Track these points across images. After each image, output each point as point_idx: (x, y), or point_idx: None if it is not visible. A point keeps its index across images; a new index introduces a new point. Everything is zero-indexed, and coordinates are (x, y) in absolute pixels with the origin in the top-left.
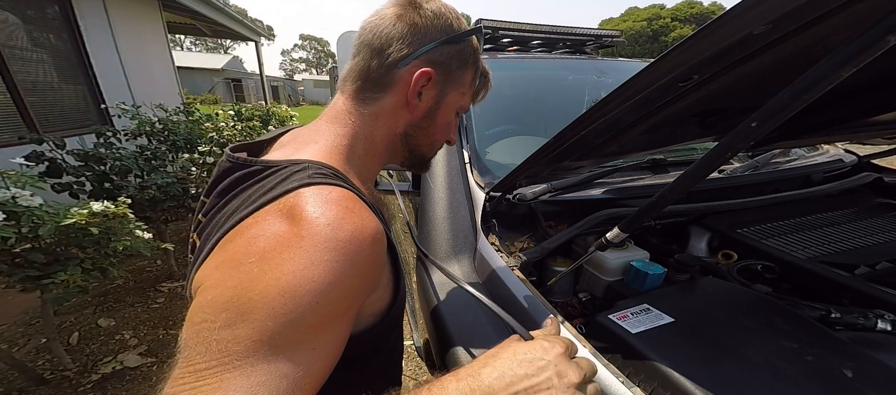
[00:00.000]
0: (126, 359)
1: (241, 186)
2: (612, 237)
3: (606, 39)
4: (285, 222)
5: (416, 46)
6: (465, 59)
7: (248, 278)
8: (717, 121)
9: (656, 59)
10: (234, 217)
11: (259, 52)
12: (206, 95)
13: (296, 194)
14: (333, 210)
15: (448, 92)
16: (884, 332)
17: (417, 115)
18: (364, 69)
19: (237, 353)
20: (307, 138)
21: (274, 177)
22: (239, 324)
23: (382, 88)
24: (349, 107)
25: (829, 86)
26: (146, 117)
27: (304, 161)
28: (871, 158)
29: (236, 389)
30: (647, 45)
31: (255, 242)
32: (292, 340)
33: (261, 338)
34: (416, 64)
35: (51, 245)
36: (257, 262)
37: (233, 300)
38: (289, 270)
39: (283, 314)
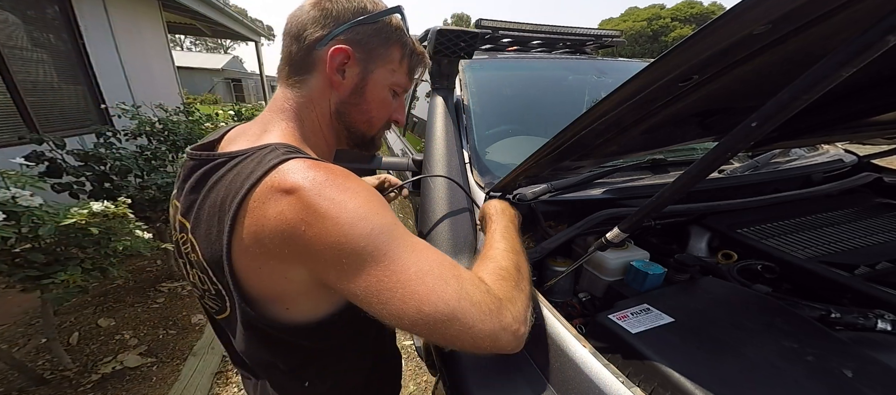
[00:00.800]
0: (126, 359)
1: (214, 177)
2: (612, 237)
3: (606, 39)
4: (286, 196)
5: (330, 28)
6: (387, 37)
7: (326, 232)
8: (717, 121)
9: (656, 59)
10: (232, 202)
11: (259, 52)
12: (206, 95)
13: (278, 171)
14: (319, 168)
15: (373, 69)
16: (884, 332)
17: (344, 91)
18: (288, 55)
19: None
20: (259, 129)
21: (248, 162)
22: (357, 260)
23: (306, 70)
24: (286, 94)
25: (829, 86)
26: (146, 117)
27: (270, 144)
28: (871, 158)
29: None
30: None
31: (282, 218)
32: (392, 233)
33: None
34: (332, 44)
35: (51, 245)
36: (314, 222)
37: (342, 255)
38: (336, 211)
39: (369, 230)
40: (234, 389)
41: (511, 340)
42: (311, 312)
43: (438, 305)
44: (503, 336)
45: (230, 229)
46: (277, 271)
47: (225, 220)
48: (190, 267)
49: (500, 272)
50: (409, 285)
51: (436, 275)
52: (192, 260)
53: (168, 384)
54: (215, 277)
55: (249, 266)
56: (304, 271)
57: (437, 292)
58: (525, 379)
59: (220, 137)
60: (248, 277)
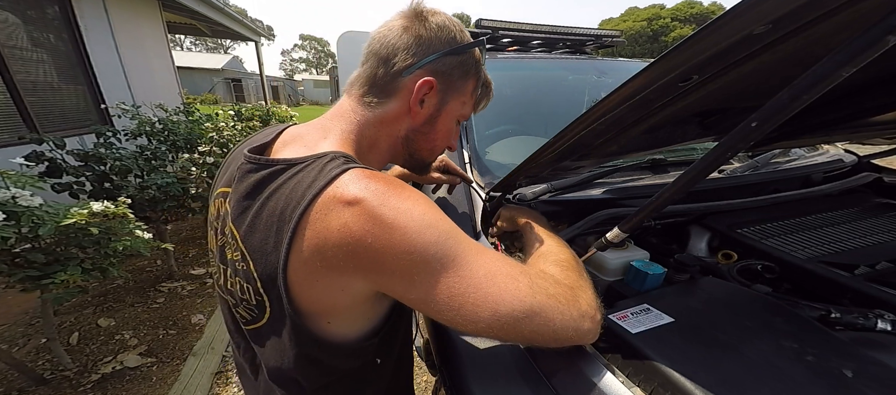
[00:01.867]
0: (126, 359)
1: (271, 185)
2: (612, 237)
3: (606, 39)
4: (349, 208)
5: (420, 57)
6: (467, 69)
7: (393, 242)
8: (717, 121)
9: (656, 60)
10: (292, 214)
11: (259, 52)
12: (206, 95)
13: (339, 182)
14: (379, 179)
15: (449, 100)
16: (884, 332)
17: (418, 121)
18: (371, 76)
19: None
20: (317, 135)
21: (308, 171)
22: (425, 269)
23: (387, 95)
24: (354, 108)
25: (829, 86)
26: (146, 117)
27: (328, 152)
28: (871, 158)
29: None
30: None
31: (346, 231)
32: (457, 243)
33: (448, 256)
34: (419, 73)
35: (51, 245)
36: (381, 233)
37: (415, 263)
38: (403, 220)
39: (436, 236)
40: (234, 389)
41: (591, 327)
42: (350, 328)
43: (514, 303)
44: (584, 324)
45: (289, 243)
46: (335, 284)
47: (284, 232)
48: (233, 275)
49: (561, 264)
50: (481, 287)
51: (505, 274)
52: (238, 269)
53: (168, 384)
54: (264, 289)
55: (305, 279)
56: (364, 283)
57: (511, 291)
58: (525, 379)
59: (275, 137)
60: (301, 290)
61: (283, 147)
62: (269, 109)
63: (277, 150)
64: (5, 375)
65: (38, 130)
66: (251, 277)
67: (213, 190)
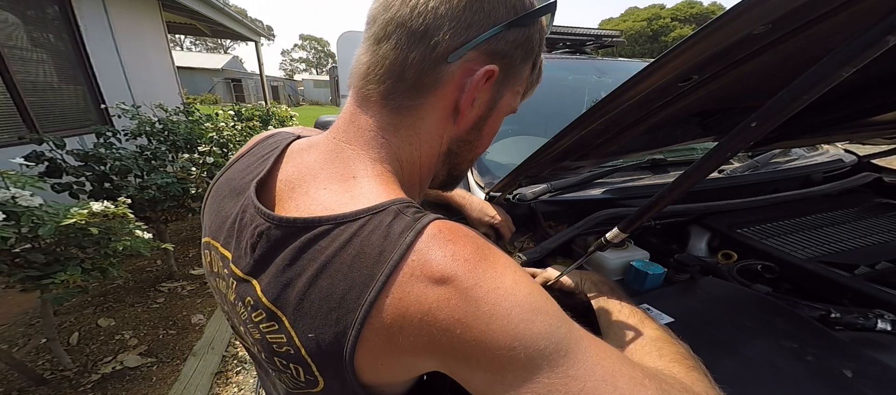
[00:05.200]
0: (126, 359)
1: (321, 258)
2: (611, 237)
3: (606, 39)
4: (435, 289)
5: (475, 31)
6: (532, 47)
7: (491, 335)
8: (717, 121)
9: (656, 60)
10: (360, 300)
11: (259, 53)
12: (205, 95)
13: (417, 253)
14: (464, 241)
15: (504, 93)
16: (884, 332)
17: (465, 126)
18: (399, 64)
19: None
20: (342, 170)
21: (367, 237)
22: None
23: (420, 92)
24: (379, 122)
25: (829, 86)
26: (146, 117)
27: (383, 204)
28: (871, 158)
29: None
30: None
31: (431, 318)
32: (565, 334)
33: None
34: (472, 57)
35: (51, 245)
36: (475, 323)
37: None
38: (505, 307)
39: (544, 327)
40: (234, 389)
41: None
42: (397, 391)
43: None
44: None
45: (357, 333)
46: (402, 365)
47: (349, 321)
48: (271, 354)
49: (682, 362)
50: (597, 392)
51: (628, 376)
52: (281, 351)
53: (168, 384)
54: (320, 371)
55: (370, 362)
56: (435, 364)
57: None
58: None
59: (275, 164)
60: (364, 369)
61: (297, 186)
62: (269, 109)
63: (288, 188)
64: (5, 375)
65: (37, 130)
66: (303, 361)
67: (204, 229)
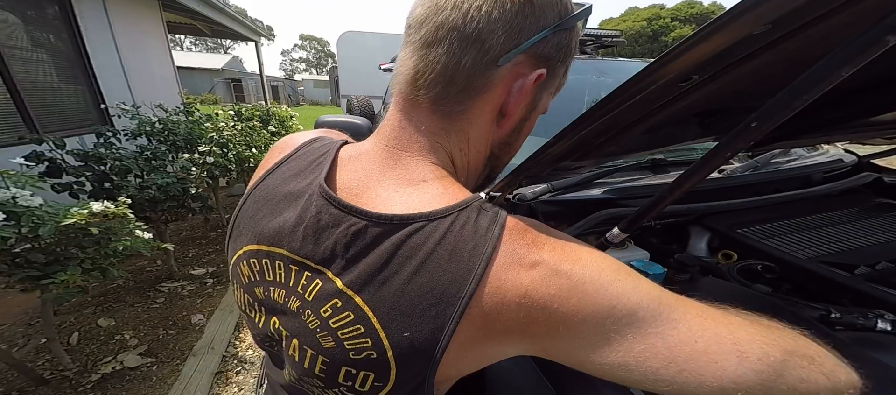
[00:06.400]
0: (126, 359)
1: (419, 254)
2: (611, 237)
3: (606, 39)
4: (529, 272)
5: (526, 34)
6: (570, 50)
7: (589, 301)
8: (717, 121)
9: (656, 59)
10: (459, 293)
11: (259, 52)
12: (206, 95)
13: (508, 242)
14: (542, 229)
15: (543, 95)
16: (884, 332)
17: (508, 129)
18: (451, 68)
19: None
20: (407, 177)
21: (459, 232)
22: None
23: (470, 95)
24: (431, 127)
25: (829, 86)
26: (146, 117)
27: (466, 200)
28: (871, 158)
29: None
30: (647, 45)
31: (528, 299)
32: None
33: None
34: (521, 60)
35: (51, 245)
36: (571, 295)
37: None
38: (593, 273)
39: (639, 299)
40: (234, 389)
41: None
42: (444, 390)
43: (769, 344)
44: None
45: (455, 325)
46: (486, 354)
47: (448, 314)
48: (343, 365)
49: (751, 319)
50: (718, 334)
51: (738, 323)
52: (357, 358)
53: (168, 384)
54: (399, 369)
55: (455, 355)
56: (524, 347)
57: (759, 333)
58: (528, 384)
59: (332, 165)
60: (445, 365)
61: (362, 192)
62: (269, 109)
63: (353, 194)
64: (5, 375)
65: (38, 130)
66: (384, 365)
67: (238, 241)
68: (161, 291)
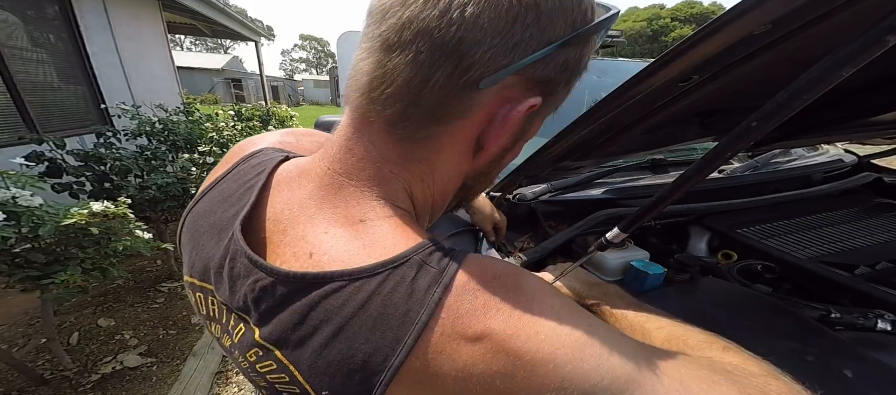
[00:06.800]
0: (126, 359)
1: (337, 318)
2: (611, 237)
3: (606, 39)
4: (470, 346)
5: (523, 51)
6: (578, 70)
7: (538, 383)
8: (717, 121)
9: (656, 59)
10: (386, 364)
11: (259, 52)
12: (206, 95)
13: (449, 309)
14: (497, 281)
15: (536, 121)
16: (884, 332)
17: (484, 162)
18: (416, 84)
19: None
20: (343, 214)
21: (388, 295)
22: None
23: (441, 120)
24: (384, 153)
25: (829, 86)
26: (146, 117)
27: (404, 255)
28: (871, 158)
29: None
30: (647, 45)
31: (467, 376)
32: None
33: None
34: (510, 82)
35: (51, 245)
36: (517, 374)
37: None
38: (549, 349)
39: (599, 365)
40: (234, 389)
41: None
42: None
43: None
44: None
45: (383, 390)
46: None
47: (373, 380)
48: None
49: (731, 350)
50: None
51: (700, 378)
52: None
53: (168, 384)
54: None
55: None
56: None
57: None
58: None
59: (259, 196)
60: None
61: (289, 228)
62: (269, 109)
63: (279, 230)
64: (5, 375)
65: (38, 130)
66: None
67: (183, 265)
68: (161, 291)
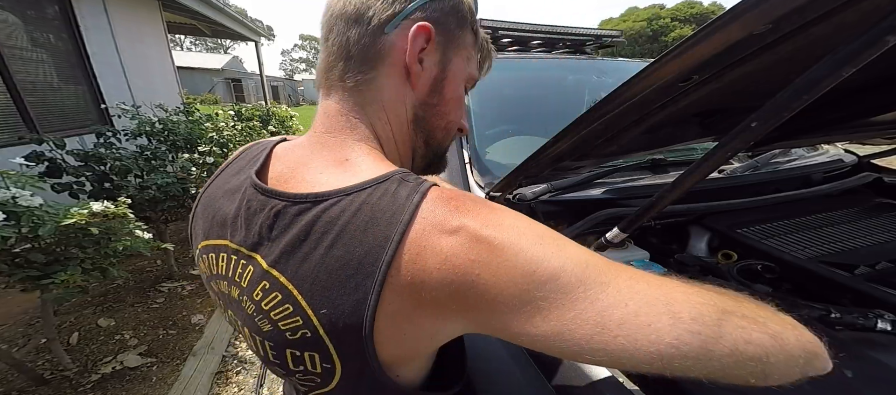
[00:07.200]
0: (126, 359)
1: (335, 227)
2: (611, 237)
3: (606, 39)
4: (449, 238)
5: (403, 4)
6: (462, 16)
7: (511, 267)
8: (717, 121)
9: (656, 59)
10: (376, 261)
11: (259, 52)
12: (206, 95)
13: (426, 209)
14: (465, 197)
15: (451, 56)
16: (884, 332)
17: (423, 88)
18: (343, 45)
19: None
20: (332, 157)
21: (376, 203)
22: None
23: (371, 64)
24: (344, 103)
25: (829, 86)
26: (146, 117)
27: (387, 174)
28: (871, 158)
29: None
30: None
31: (449, 266)
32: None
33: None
34: (406, 25)
35: (51, 245)
36: (492, 260)
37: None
38: (514, 238)
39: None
40: (234, 389)
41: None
42: (416, 375)
43: (705, 305)
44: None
45: (377, 295)
46: (425, 331)
47: (368, 285)
48: (281, 345)
49: (705, 289)
50: (651, 296)
51: (672, 286)
52: (294, 339)
53: (168, 384)
54: (338, 352)
55: (391, 331)
56: (462, 324)
57: (694, 294)
58: (527, 380)
59: (265, 163)
60: (384, 343)
61: (290, 178)
62: (269, 109)
63: (282, 181)
64: (5, 375)
65: (38, 130)
66: (320, 343)
67: (194, 241)
68: (161, 291)
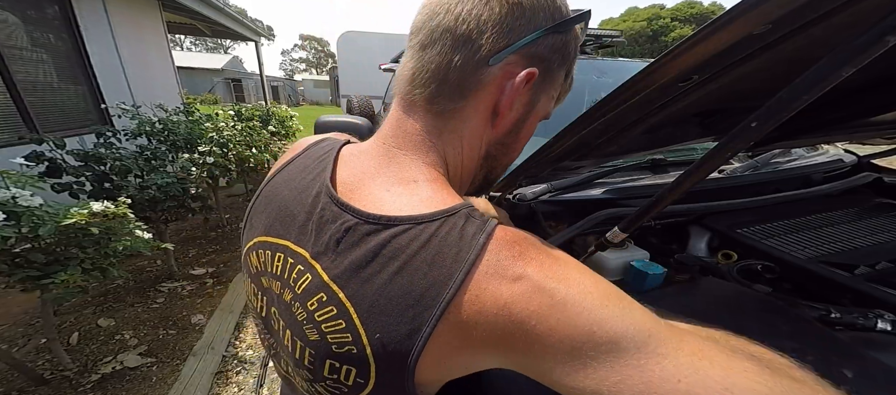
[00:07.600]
0: (126, 359)
1: (402, 256)
2: (611, 237)
3: (606, 39)
4: (511, 285)
5: (515, 35)
6: (567, 54)
7: (569, 322)
8: (717, 121)
9: (656, 59)
10: (438, 297)
11: (259, 52)
12: (206, 95)
13: (491, 252)
14: (529, 243)
15: (541, 97)
16: (884, 332)
17: (504, 129)
18: (443, 67)
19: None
20: (398, 173)
21: (444, 238)
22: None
23: (463, 94)
24: (425, 125)
25: (829, 86)
26: (146, 117)
27: (453, 208)
28: (871, 158)
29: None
30: (647, 45)
31: (507, 313)
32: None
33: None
34: (512, 60)
35: (51, 245)
36: (551, 313)
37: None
38: (577, 294)
39: (624, 320)
40: (234, 389)
41: None
42: (433, 391)
43: (754, 384)
44: None
45: (432, 329)
46: (463, 361)
47: (425, 317)
48: (327, 358)
49: (738, 343)
50: (694, 367)
51: (737, 369)
52: (339, 352)
53: (168, 384)
54: (378, 371)
55: (432, 358)
56: (503, 361)
57: (742, 371)
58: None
59: (335, 159)
60: (424, 369)
61: (356, 188)
62: (269, 109)
63: (348, 190)
64: (5, 375)
65: (38, 130)
66: (364, 362)
67: (250, 233)
68: (161, 291)
